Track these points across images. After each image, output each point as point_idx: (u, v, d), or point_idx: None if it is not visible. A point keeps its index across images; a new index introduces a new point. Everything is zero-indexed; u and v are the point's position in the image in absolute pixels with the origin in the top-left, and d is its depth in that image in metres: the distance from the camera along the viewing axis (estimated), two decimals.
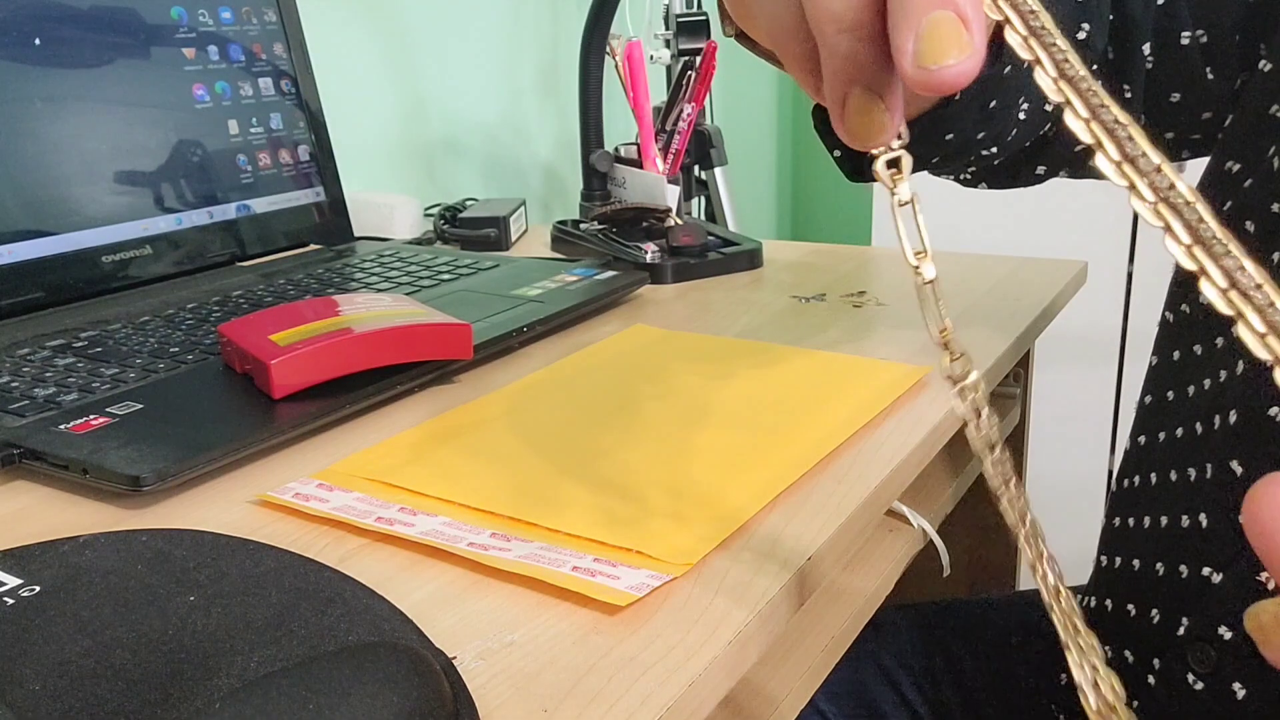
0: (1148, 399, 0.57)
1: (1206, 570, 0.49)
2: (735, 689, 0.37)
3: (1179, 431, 0.52)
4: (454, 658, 0.35)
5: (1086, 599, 0.59)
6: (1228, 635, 0.47)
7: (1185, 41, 0.53)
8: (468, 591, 0.39)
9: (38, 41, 0.73)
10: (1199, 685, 0.48)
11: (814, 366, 0.62)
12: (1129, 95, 0.55)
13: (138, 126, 0.79)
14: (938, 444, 0.55)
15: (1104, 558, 0.58)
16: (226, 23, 0.85)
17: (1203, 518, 0.49)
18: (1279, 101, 0.48)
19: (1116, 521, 0.57)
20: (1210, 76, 0.53)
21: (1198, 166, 0.56)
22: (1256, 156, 0.49)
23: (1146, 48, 0.54)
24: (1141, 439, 0.56)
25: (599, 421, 0.54)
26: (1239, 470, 0.47)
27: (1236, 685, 0.47)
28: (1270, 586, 0.46)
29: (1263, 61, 0.50)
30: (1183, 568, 0.50)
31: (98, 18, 0.77)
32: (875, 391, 0.57)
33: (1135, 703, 0.54)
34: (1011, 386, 0.89)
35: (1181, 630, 0.50)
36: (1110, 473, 1.63)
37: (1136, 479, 0.56)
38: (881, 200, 1.72)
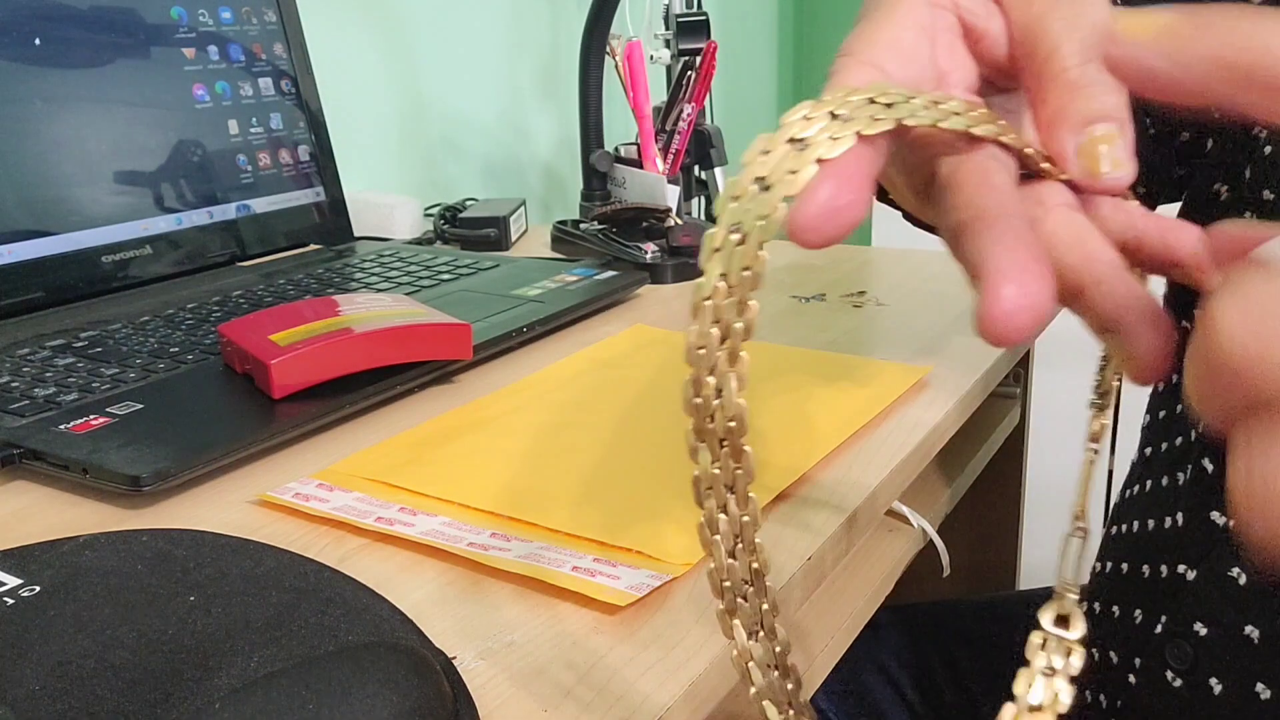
0: (1147, 418, 0.57)
1: (1182, 568, 0.49)
2: (735, 689, 0.37)
3: (1178, 441, 0.52)
4: (454, 658, 0.35)
5: (1080, 605, 0.60)
6: (1203, 631, 0.47)
7: None
8: (468, 591, 0.39)
9: (38, 41, 0.73)
10: (1178, 682, 0.49)
11: (814, 366, 0.62)
12: (1151, 131, 0.56)
13: (138, 126, 0.79)
14: (938, 444, 0.55)
15: (1099, 563, 0.58)
16: (226, 23, 0.85)
17: (1180, 516, 0.50)
18: (1263, 128, 0.49)
19: (1113, 530, 0.58)
20: (1215, 114, 0.54)
21: None
22: (1238, 175, 0.50)
23: None
24: (1146, 450, 0.57)
25: (599, 422, 0.54)
26: (1210, 468, 0.48)
27: (1213, 680, 0.47)
28: (1240, 581, 0.46)
29: None
30: (1163, 567, 0.51)
31: (98, 18, 0.77)
32: (875, 391, 0.57)
33: (1119, 702, 0.54)
34: (1011, 387, 0.89)
35: (1159, 628, 0.50)
36: (1110, 473, 1.63)
37: (1136, 489, 0.56)
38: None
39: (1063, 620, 0.29)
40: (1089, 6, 0.28)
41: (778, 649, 0.28)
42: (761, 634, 0.27)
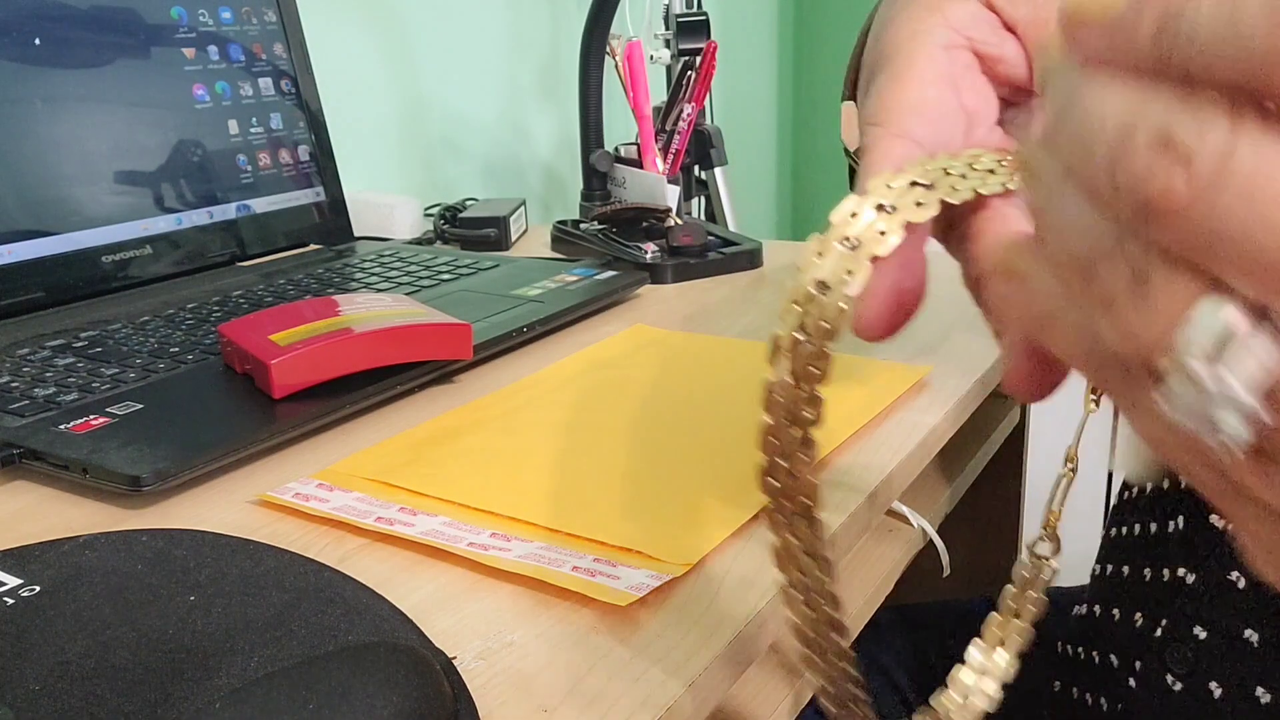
0: None
1: (1182, 571, 0.49)
2: (735, 689, 0.37)
3: None
4: (454, 658, 0.35)
5: (1081, 608, 0.60)
6: (1203, 635, 0.47)
7: None
8: (468, 591, 0.39)
9: (38, 41, 0.73)
10: (1178, 686, 0.49)
11: None
12: None
13: (138, 126, 0.79)
14: (938, 444, 0.55)
15: (1099, 566, 0.58)
16: (226, 23, 0.85)
17: (1180, 520, 0.50)
18: None
19: (1113, 532, 0.57)
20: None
21: None
22: None
23: None
24: None
25: (598, 421, 0.54)
26: None
27: (1213, 684, 0.47)
28: (1240, 585, 0.46)
29: None
30: (1164, 571, 0.51)
31: (98, 18, 0.77)
32: (875, 391, 0.57)
33: (1120, 705, 0.54)
34: None
35: (1159, 632, 0.50)
36: (1110, 473, 1.63)
37: (1136, 491, 0.56)
38: None
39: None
40: None
41: (850, 686, 0.31)
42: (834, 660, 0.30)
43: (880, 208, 0.24)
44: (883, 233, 0.24)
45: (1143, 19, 0.15)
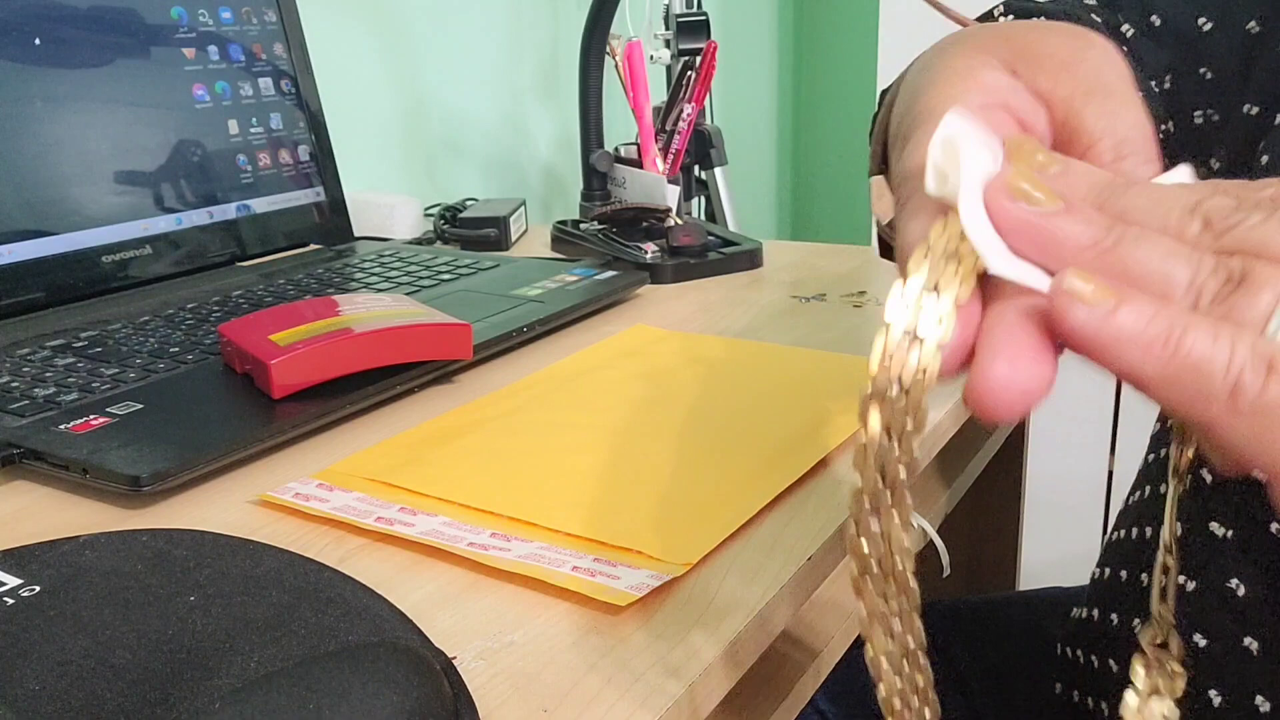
0: (1157, 426, 0.57)
1: (1181, 578, 0.49)
2: (735, 689, 0.37)
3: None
4: (454, 658, 0.35)
5: (1080, 610, 0.60)
6: (1203, 643, 0.47)
7: (1199, 121, 0.53)
8: (468, 591, 0.39)
9: (38, 41, 0.73)
10: None
11: (814, 366, 0.62)
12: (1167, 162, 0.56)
13: (138, 126, 0.79)
14: (938, 444, 0.55)
15: (1098, 569, 0.58)
16: (226, 23, 0.85)
17: (1179, 526, 0.50)
18: (1265, 139, 0.49)
19: (1115, 535, 0.57)
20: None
21: None
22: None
23: (1170, 124, 0.54)
24: (1150, 456, 0.57)
25: (598, 421, 0.54)
26: (1208, 479, 0.48)
27: (1213, 692, 0.47)
28: (1240, 593, 0.46)
29: (1247, 105, 0.50)
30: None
31: (98, 18, 0.77)
32: None
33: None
34: None
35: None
36: (1110, 473, 1.63)
37: (1138, 494, 0.56)
38: None
39: (1163, 645, 0.31)
40: (1125, 103, 0.29)
41: None
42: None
43: (949, 255, 0.24)
44: (956, 278, 0.24)
45: None
